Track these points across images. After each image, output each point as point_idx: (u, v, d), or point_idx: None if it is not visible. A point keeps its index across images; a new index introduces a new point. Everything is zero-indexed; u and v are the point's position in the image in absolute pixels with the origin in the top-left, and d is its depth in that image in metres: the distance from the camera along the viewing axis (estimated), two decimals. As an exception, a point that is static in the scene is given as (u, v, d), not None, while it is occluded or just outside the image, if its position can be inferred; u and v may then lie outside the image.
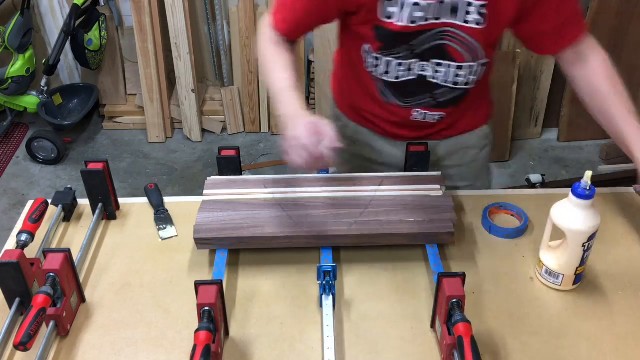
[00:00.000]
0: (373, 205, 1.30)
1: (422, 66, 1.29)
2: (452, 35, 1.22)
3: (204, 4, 3.23)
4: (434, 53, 1.26)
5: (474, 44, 1.24)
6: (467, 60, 1.27)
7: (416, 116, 1.40)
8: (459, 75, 1.29)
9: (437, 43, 1.24)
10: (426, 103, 1.37)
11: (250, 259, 1.29)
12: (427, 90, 1.34)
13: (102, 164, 1.34)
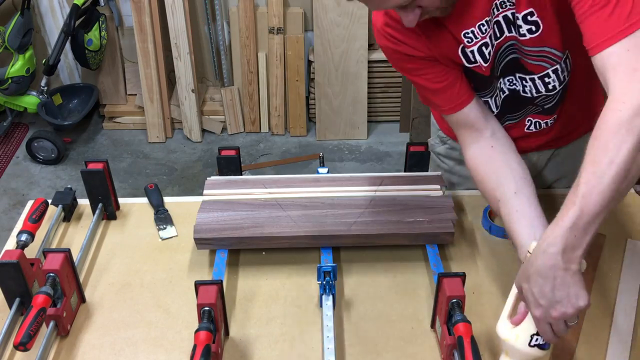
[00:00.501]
0: (373, 205, 1.30)
1: (510, 80, 1.20)
2: (520, 50, 1.13)
3: (204, 4, 3.23)
4: (514, 67, 1.17)
5: (543, 51, 1.12)
6: (547, 67, 1.15)
7: (529, 126, 1.31)
8: (547, 82, 1.17)
9: (512, 57, 1.15)
10: (534, 110, 1.27)
11: (250, 259, 1.29)
12: (527, 103, 1.25)
13: (102, 164, 1.34)
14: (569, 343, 1.10)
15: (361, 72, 3.22)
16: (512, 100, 1.24)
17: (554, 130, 1.34)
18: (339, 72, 3.22)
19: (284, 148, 3.36)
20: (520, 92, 1.22)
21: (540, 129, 1.32)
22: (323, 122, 3.36)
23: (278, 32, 3.20)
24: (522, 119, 1.31)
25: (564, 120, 1.31)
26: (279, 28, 3.19)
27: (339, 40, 3.15)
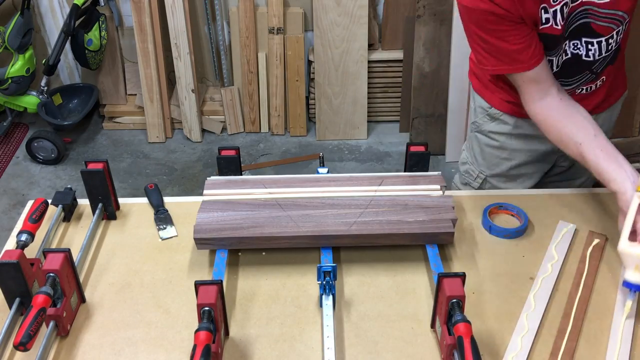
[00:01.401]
0: (373, 205, 1.30)
1: (575, 45, 1.29)
2: (594, 14, 1.23)
3: (204, 4, 3.23)
4: (581, 32, 1.27)
5: (615, 14, 1.24)
6: (614, 29, 1.27)
7: (581, 92, 1.41)
8: (610, 44, 1.30)
9: (582, 22, 1.25)
10: (588, 79, 1.38)
11: (250, 259, 1.29)
12: (585, 68, 1.35)
13: (102, 164, 1.34)
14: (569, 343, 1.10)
15: (361, 72, 3.22)
16: (572, 63, 1.32)
17: (599, 94, 1.44)
18: (339, 72, 3.22)
19: (284, 148, 3.36)
20: (583, 56, 1.30)
21: (589, 92, 1.42)
22: (323, 122, 3.36)
23: (278, 32, 3.20)
24: (574, 88, 1.39)
25: (608, 82, 1.42)
26: (279, 28, 3.19)
27: (339, 40, 3.15)
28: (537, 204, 1.41)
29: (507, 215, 1.40)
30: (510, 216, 1.39)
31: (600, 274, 1.25)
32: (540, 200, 1.44)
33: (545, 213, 1.40)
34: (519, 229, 1.33)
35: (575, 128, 1.26)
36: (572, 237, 1.32)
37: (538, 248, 1.31)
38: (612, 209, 1.41)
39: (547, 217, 1.38)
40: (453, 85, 3.01)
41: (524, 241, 1.33)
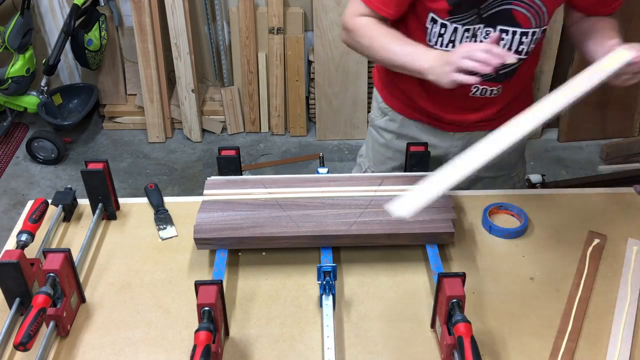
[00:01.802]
0: (373, 205, 1.30)
1: (488, 33, 1.29)
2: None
3: (204, 4, 3.23)
4: (501, 18, 1.26)
5: (541, 8, 1.24)
6: (532, 25, 1.27)
7: (475, 92, 1.40)
8: (522, 42, 1.30)
9: (504, 7, 1.24)
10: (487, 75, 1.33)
11: (250, 259, 1.29)
12: None
13: (102, 164, 1.34)
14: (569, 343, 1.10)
15: (361, 72, 3.22)
16: None
17: (495, 104, 1.43)
18: (339, 72, 3.22)
19: (284, 148, 3.36)
20: None
21: (484, 96, 1.40)
22: (323, 122, 3.36)
23: (278, 32, 3.20)
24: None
25: (506, 96, 1.41)
26: (279, 28, 3.19)
27: (339, 40, 3.14)
28: (537, 204, 1.41)
29: (507, 215, 1.40)
30: (510, 216, 1.40)
31: (600, 274, 1.25)
32: (540, 200, 1.44)
33: (545, 213, 1.40)
34: (519, 229, 1.33)
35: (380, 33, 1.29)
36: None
37: (538, 248, 1.31)
38: (612, 208, 1.41)
39: (547, 217, 1.38)
40: (453, 85, 3.01)
41: (524, 241, 1.33)
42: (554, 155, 3.33)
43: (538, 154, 3.34)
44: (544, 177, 2.64)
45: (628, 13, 3.06)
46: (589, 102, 3.48)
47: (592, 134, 3.39)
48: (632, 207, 1.41)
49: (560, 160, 3.29)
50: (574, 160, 3.29)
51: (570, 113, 3.33)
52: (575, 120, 3.35)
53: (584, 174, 3.16)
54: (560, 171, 3.21)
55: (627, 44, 1.19)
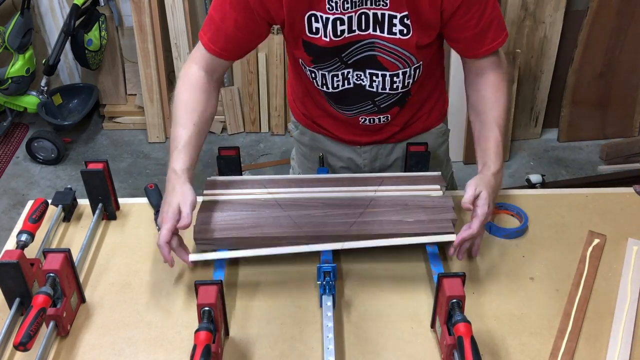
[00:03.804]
0: (373, 205, 1.30)
1: (358, 75, 1.29)
2: (380, 47, 1.23)
3: (204, 4, 3.23)
4: (366, 64, 1.26)
5: (404, 53, 1.24)
6: (400, 68, 1.27)
7: (365, 122, 1.41)
8: (395, 82, 1.29)
9: (367, 54, 1.24)
10: (369, 110, 1.38)
11: (251, 259, 1.28)
12: (367, 98, 1.34)
13: (102, 164, 1.34)
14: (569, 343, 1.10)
15: (361, 72, 3.22)
16: (354, 92, 1.33)
17: (394, 124, 1.44)
18: (339, 72, 3.22)
19: (284, 148, 3.36)
20: (366, 86, 1.31)
21: (374, 124, 1.42)
22: (323, 122, 3.36)
23: (278, 32, 3.20)
24: (356, 116, 1.39)
25: (404, 116, 1.43)
26: (279, 28, 3.19)
27: (339, 40, 3.14)
28: (537, 204, 1.41)
29: (507, 215, 1.40)
30: (510, 216, 1.39)
31: (600, 274, 1.25)
32: (540, 200, 1.44)
33: (545, 213, 1.40)
34: (519, 229, 1.33)
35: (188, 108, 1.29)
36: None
37: (538, 248, 1.31)
38: (612, 208, 1.41)
39: (547, 217, 1.38)
40: (453, 84, 3.01)
41: (524, 241, 1.33)
42: (554, 155, 3.33)
43: (538, 154, 3.34)
44: (544, 177, 2.64)
45: (628, 13, 3.06)
46: (589, 102, 3.50)
47: (592, 134, 3.39)
48: (632, 207, 1.41)
49: (560, 160, 3.29)
50: (574, 160, 3.29)
51: (570, 113, 3.33)
52: (575, 120, 3.35)
53: (584, 174, 3.16)
54: (560, 171, 3.21)
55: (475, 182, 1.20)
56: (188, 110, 1.28)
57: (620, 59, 3.17)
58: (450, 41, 1.28)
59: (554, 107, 3.36)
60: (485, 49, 1.27)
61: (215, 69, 1.31)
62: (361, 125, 1.42)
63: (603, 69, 3.20)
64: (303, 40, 1.23)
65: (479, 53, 1.28)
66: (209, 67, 1.30)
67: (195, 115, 1.28)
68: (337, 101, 1.37)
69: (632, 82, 3.24)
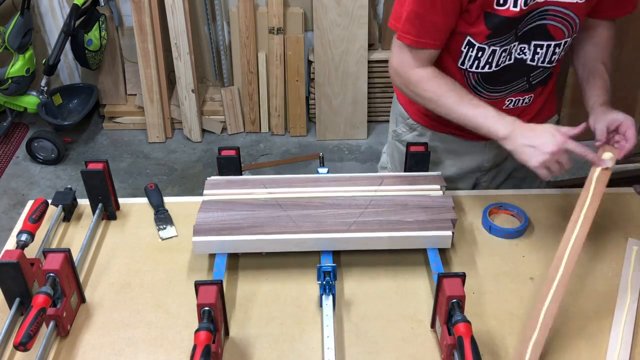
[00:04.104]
0: (373, 205, 1.30)
1: (522, 49, 1.28)
2: (554, 14, 1.23)
3: (204, 4, 3.23)
4: (535, 34, 1.26)
5: (574, 19, 1.24)
6: (565, 36, 1.27)
7: (509, 105, 1.39)
8: (555, 53, 1.29)
9: (539, 23, 1.24)
10: (521, 88, 1.36)
11: (250, 259, 1.28)
12: (524, 74, 1.33)
13: (102, 164, 1.34)
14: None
15: (361, 72, 3.22)
16: (514, 68, 1.31)
17: (528, 111, 1.42)
18: (339, 72, 3.22)
19: (284, 148, 3.36)
20: (527, 60, 1.29)
21: (517, 107, 1.40)
22: (323, 122, 3.36)
23: (278, 32, 3.20)
24: (504, 98, 1.37)
25: (537, 103, 1.42)
26: (279, 28, 3.19)
27: (339, 40, 3.15)
28: (537, 204, 1.41)
29: (507, 215, 1.40)
30: (510, 216, 1.39)
31: (600, 274, 1.25)
32: (540, 200, 1.44)
33: (545, 213, 1.40)
34: (519, 229, 1.33)
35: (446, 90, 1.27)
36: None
37: (538, 248, 1.31)
38: (612, 208, 1.41)
39: (547, 217, 1.38)
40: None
41: (524, 241, 1.33)
42: (554, 155, 3.33)
43: (538, 154, 3.33)
44: (544, 177, 2.63)
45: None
46: (589, 102, 3.46)
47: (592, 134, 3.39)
48: (632, 207, 1.41)
49: (560, 160, 3.28)
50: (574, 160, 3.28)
51: (570, 113, 3.33)
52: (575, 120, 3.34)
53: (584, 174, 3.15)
54: (560, 171, 3.21)
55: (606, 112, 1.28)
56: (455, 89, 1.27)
57: (620, 59, 3.17)
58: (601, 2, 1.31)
59: (554, 107, 3.36)
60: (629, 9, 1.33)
61: (431, 59, 1.29)
62: (503, 110, 1.34)
63: (603, 69, 3.20)
64: (486, 13, 1.21)
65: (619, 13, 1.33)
66: (427, 59, 1.28)
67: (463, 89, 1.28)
68: (492, 81, 1.33)
69: (632, 82, 3.24)
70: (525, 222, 1.35)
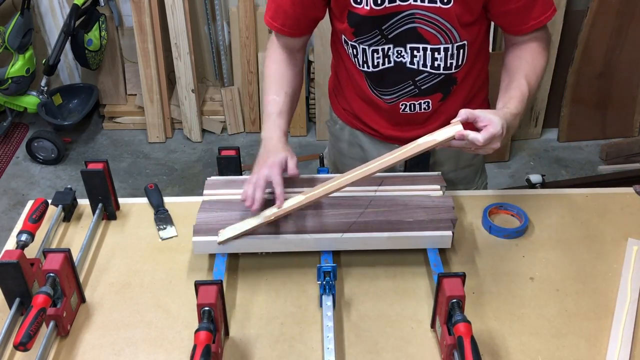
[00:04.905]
0: (373, 205, 1.30)
1: (399, 52, 1.29)
2: (421, 18, 1.22)
3: (204, 4, 3.23)
4: (407, 37, 1.26)
5: (445, 25, 1.23)
6: (441, 42, 1.26)
7: (405, 109, 1.40)
8: (436, 58, 1.28)
9: (408, 27, 1.24)
10: (410, 92, 1.36)
11: (250, 259, 1.28)
12: (408, 77, 1.33)
13: (102, 164, 1.34)
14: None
15: (361, 72, 3.22)
16: (395, 71, 1.32)
17: (436, 119, 1.42)
18: (339, 72, 3.22)
19: (284, 148, 3.36)
20: (407, 63, 1.30)
21: (415, 112, 1.40)
22: (323, 122, 3.36)
23: (278, 32, 3.20)
24: (397, 102, 1.38)
25: (448, 109, 1.40)
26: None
27: (339, 40, 3.14)
28: (537, 204, 1.41)
29: (507, 215, 1.40)
30: (510, 216, 1.39)
31: (600, 274, 1.25)
32: (540, 200, 1.44)
33: (545, 213, 1.40)
34: (519, 229, 1.33)
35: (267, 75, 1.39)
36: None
37: (538, 248, 1.31)
38: (612, 208, 1.41)
39: (547, 217, 1.38)
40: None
41: (524, 241, 1.33)
42: (554, 155, 3.33)
43: (538, 154, 3.34)
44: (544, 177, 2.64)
45: (628, 13, 3.06)
46: (589, 102, 3.50)
47: (592, 134, 3.39)
48: (632, 207, 1.41)
49: (560, 160, 3.29)
50: (574, 160, 3.29)
51: (570, 113, 3.33)
52: (575, 120, 3.35)
53: (584, 174, 3.16)
54: (560, 171, 3.22)
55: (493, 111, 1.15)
56: (277, 80, 1.37)
57: (620, 59, 3.17)
58: (495, 16, 1.27)
59: (554, 107, 3.37)
60: (532, 24, 1.25)
61: (287, 45, 1.39)
62: (402, 115, 1.40)
63: (603, 69, 3.20)
64: (349, 11, 1.24)
65: (524, 28, 1.26)
66: (283, 45, 1.39)
67: (285, 84, 1.37)
68: (378, 83, 1.36)
69: (632, 82, 3.24)
70: (525, 222, 1.35)
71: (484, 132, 1.10)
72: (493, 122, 1.11)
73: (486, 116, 1.12)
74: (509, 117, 1.17)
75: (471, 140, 1.10)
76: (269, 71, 1.39)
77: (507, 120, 1.15)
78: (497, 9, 1.25)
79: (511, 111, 1.19)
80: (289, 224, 1.25)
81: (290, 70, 1.39)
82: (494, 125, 1.11)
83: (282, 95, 1.35)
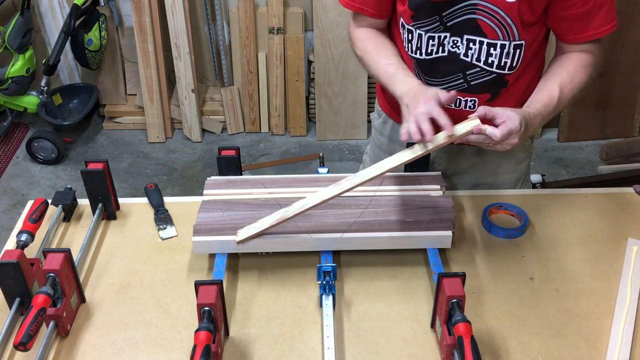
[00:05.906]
0: (373, 205, 1.30)
1: (455, 42, 1.27)
2: (484, 10, 1.21)
3: (204, 4, 3.23)
4: (466, 28, 1.24)
5: (506, 20, 1.21)
6: (499, 37, 1.23)
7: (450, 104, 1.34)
8: (491, 54, 1.26)
9: (468, 17, 1.23)
10: (459, 86, 1.33)
11: (250, 259, 1.28)
12: (459, 69, 1.31)
13: (102, 164, 1.34)
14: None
15: (361, 72, 3.22)
16: (447, 62, 1.30)
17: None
18: (339, 72, 3.22)
19: (284, 148, 3.36)
20: (461, 55, 1.28)
21: (460, 109, 1.37)
22: (323, 122, 3.36)
23: (278, 32, 3.20)
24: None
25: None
26: (279, 28, 3.19)
27: (339, 40, 3.15)
28: (537, 204, 1.41)
29: (507, 215, 1.40)
30: (510, 216, 1.39)
31: (600, 274, 1.25)
32: (540, 200, 1.44)
33: (545, 213, 1.40)
34: (519, 229, 1.33)
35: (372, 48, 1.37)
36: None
37: (538, 248, 1.31)
38: (612, 208, 1.41)
39: (547, 217, 1.38)
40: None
41: (524, 241, 1.33)
42: (554, 155, 3.33)
43: (538, 154, 3.34)
44: (544, 177, 2.64)
45: (628, 13, 3.06)
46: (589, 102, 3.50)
47: (592, 134, 3.39)
48: (632, 207, 1.41)
49: (560, 160, 3.29)
50: (574, 160, 3.29)
51: (570, 113, 3.33)
52: (575, 120, 3.35)
53: (584, 174, 3.16)
54: (560, 171, 3.21)
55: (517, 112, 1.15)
56: (380, 50, 1.34)
57: (620, 59, 3.17)
58: (553, 21, 1.25)
59: (554, 107, 3.36)
60: (589, 33, 1.23)
61: (371, 25, 1.38)
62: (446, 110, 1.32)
63: (603, 69, 3.20)
64: None
65: (578, 37, 1.24)
66: (367, 25, 1.39)
67: (390, 52, 1.34)
68: (427, 72, 1.34)
69: (632, 82, 3.24)
70: (525, 222, 1.35)
71: (502, 127, 1.12)
72: (511, 118, 1.12)
73: (504, 113, 1.13)
74: (529, 115, 1.17)
75: (489, 134, 1.12)
76: (366, 47, 1.37)
77: (526, 118, 1.15)
78: (557, 13, 1.23)
79: (532, 111, 1.20)
80: (289, 224, 1.25)
81: (387, 40, 1.37)
82: (512, 121, 1.12)
83: (393, 58, 1.32)
